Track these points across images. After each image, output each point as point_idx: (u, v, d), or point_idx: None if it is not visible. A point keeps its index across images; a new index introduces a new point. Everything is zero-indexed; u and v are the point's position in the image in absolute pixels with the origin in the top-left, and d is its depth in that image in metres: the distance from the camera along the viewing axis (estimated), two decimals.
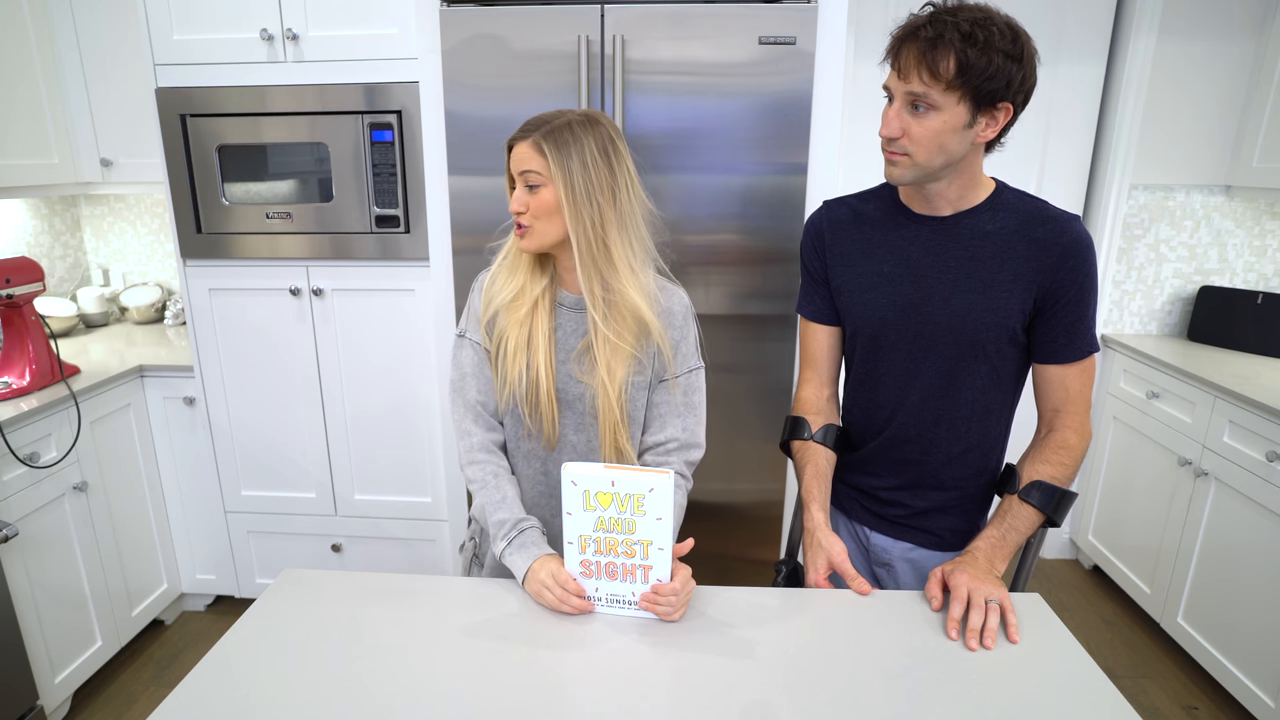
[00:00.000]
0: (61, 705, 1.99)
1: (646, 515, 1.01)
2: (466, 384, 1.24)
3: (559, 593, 1.06)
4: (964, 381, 1.19)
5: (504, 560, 1.14)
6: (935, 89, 1.02)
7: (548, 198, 1.12)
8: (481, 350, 1.23)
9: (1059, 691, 0.92)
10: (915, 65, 1.02)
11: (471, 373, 1.24)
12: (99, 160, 2.34)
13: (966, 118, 1.04)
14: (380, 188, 2.03)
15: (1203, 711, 2.07)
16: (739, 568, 2.09)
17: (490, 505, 1.18)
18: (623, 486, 1.00)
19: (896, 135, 1.07)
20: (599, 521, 1.03)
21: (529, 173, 1.12)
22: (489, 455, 1.23)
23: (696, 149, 1.82)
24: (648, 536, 1.02)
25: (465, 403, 1.24)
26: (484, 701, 0.89)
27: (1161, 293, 2.64)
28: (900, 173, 1.11)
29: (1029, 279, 1.12)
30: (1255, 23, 2.37)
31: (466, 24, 1.79)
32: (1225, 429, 2.05)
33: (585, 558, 1.05)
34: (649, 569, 1.04)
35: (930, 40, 1.01)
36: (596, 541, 1.04)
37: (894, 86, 1.07)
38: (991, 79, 1.01)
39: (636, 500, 1.00)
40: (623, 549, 1.03)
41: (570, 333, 1.22)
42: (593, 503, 1.02)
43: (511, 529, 1.14)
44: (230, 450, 2.28)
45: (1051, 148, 2.53)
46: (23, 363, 1.96)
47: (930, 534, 1.28)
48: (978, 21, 1.00)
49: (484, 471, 1.21)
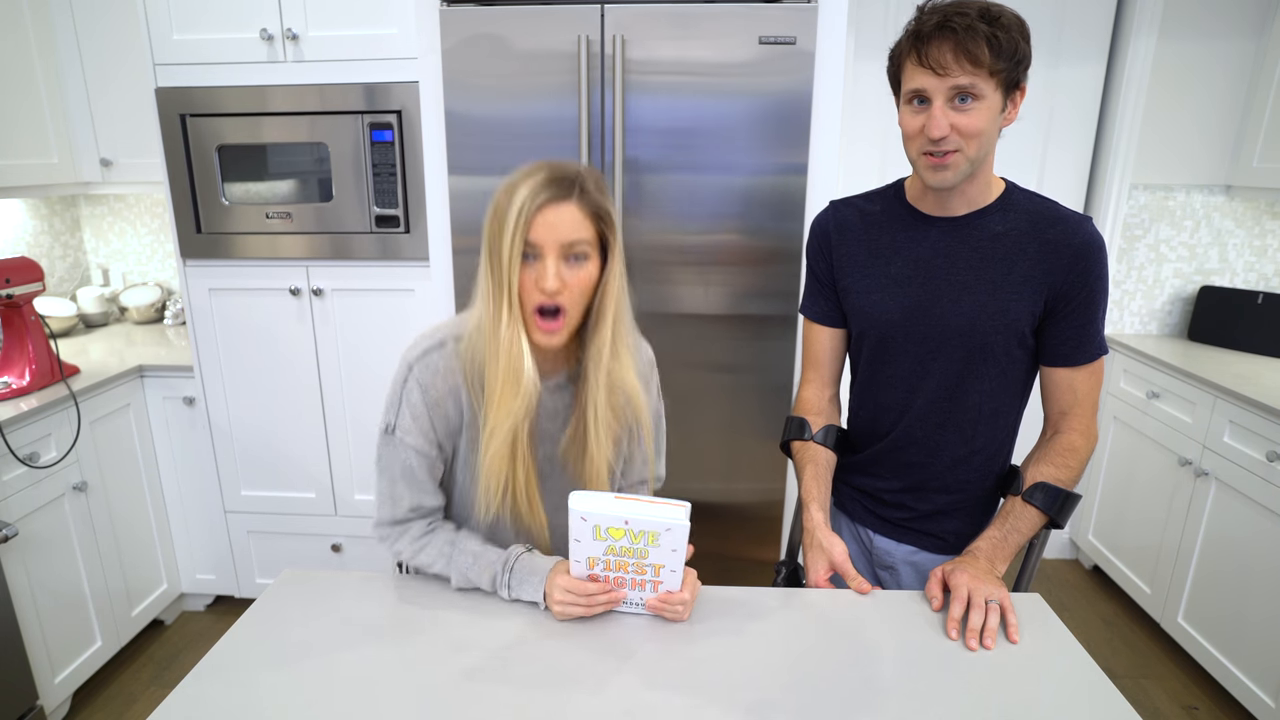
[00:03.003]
0: (61, 705, 1.99)
1: (661, 548, 0.97)
2: (398, 493, 1.07)
3: (584, 602, 1.00)
4: (972, 384, 1.18)
5: (517, 598, 1.06)
6: (980, 77, 1.01)
7: (590, 274, 0.96)
8: (426, 458, 1.06)
9: (1059, 691, 0.92)
10: (954, 58, 1.00)
11: (404, 478, 1.06)
12: (99, 160, 2.33)
13: (1001, 103, 1.05)
14: (380, 188, 2.03)
15: (1203, 711, 2.07)
16: (739, 568, 2.09)
17: (467, 571, 1.06)
18: (637, 525, 0.95)
19: (947, 134, 1.03)
20: (609, 549, 0.98)
21: (578, 243, 0.93)
22: (431, 533, 1.10)
23: (696, 149, 1.82)
24: (660, 562, 0.98)
25: (395, 513, 1.09)
26: (484, 701, 0.89)
27: (1162, 293, 2.64)
28: (953, 174, 1.07)
29: (1039, 281, 1.11)
30: (1255, 23, 2.37)
31: (466, 24, 1.78)
32: (1225, 429, 2.05)
33: (594, 573, 1.01)
34: (659, 583, 1.01)
35: (967, 28, 0.99)
36: (606, 563, 1.00)
37: (932, 85, 1.02)
38: (1020, 61, 1.02)
39: (651, 536, 0.95)
40: (633, 569, 1.00)
41: (548, 416, 1.08)
42: (603, 535, 0.97)
43: (502, 571, 1.05)
44: (230, 450, 2.28)
45: (1052, 148, 2.53)
46: (23, 363, 1.96)
47: (934, 537, 1.28)
48: (988, 7, 1.01)
49: (435, 548, 1.08)
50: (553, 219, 0.92)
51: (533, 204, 0.92)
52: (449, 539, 1.09)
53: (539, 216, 0.92)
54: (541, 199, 0.92)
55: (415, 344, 1.05)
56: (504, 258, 0.93)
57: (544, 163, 0.97)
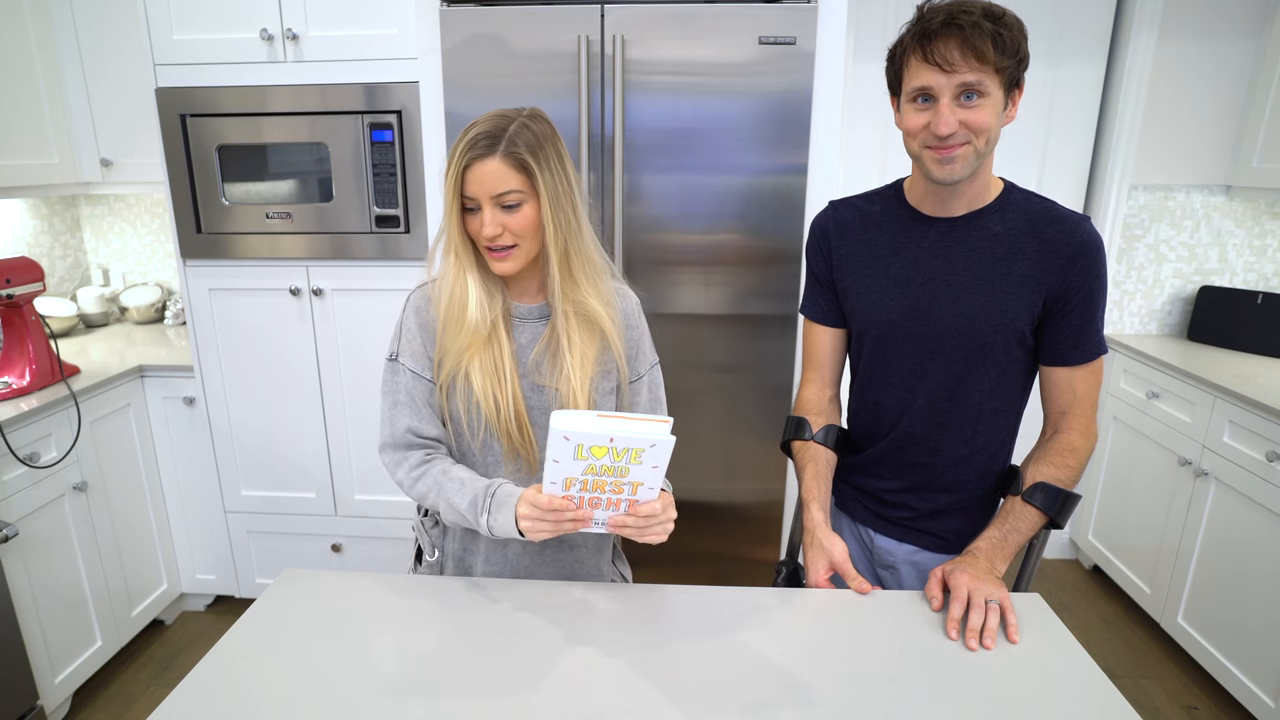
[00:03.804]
0: (61, 705, 1.99)
1: (643, 465, 0.97)
2: (398, 414, 1.14)
3: (551, 518, 1.00)
4: (971, 384, 1.18)
5: (494, 533, 1.06)
6: (986, 74, 1.02)
7: (529, 215, 1.05)
8: (423, 381, 1.14)
9: (1059, 691, 0.92)
10: (961, 54, 1.01)
11: (405, 401, 1.14)
12: (99, 160, 2.34)
13: (1003, 101, 1.06)
14: (380, 188, 2.03)
15: (1203, 711, 2.07)
16: (739, 568, 2.09)
17: (453, 498, 1.09)
18: (621, 442, 0.95)
19: (955, 129, 1.04)
20: (589, 468, 0.98)
21: (508, 193, 1.03)
22: (428, 463, 1.14)
23: (696, 149, 1.82)
24: (639, 479, 0.98)
25: (394, 433, 1.14)
26: (483, 701, 0.89)
27: (1161, 293, 2.64)
28: (959, 168, 1.08)
29: (1038, 280, 1.12)
30: (1255, 23, 2.37)
31: (466, 24, 1.79)
32: (1225, 429, 2.05)
33: (569, 494, 1.00)
34: (634, 501, 1.00)
35: (973, 25, 1.00)
36: (583, 483, 0.99)
37: (939, 83, 1.03)
38: (1021, 60, 1.03)
39: (634, 453, 0.96)
40: (610, 489, 0.99)
41: (527, 344, 1.15)
42: (585, 454, 0.96)
43: (485, 498, 1.06)
44: (230, 450, 2.28)
45: (1051, 148, 2.53)
46: (23, 363, 1.96)
47: (935, 536, 1.28)
48: (990, 7, 1.03)
49: (430, 478, 1.12)
50: (480, 174, 1.02)
51: (461, 162, 1.03)
52: (443, 469, 1.12)
53: (469, 173, 1.03)
54: (468, 157, 1.02)
55: (415, 285, 1.19)
56: (447, 208, 1.07)
57: (485, 116, 1.06)
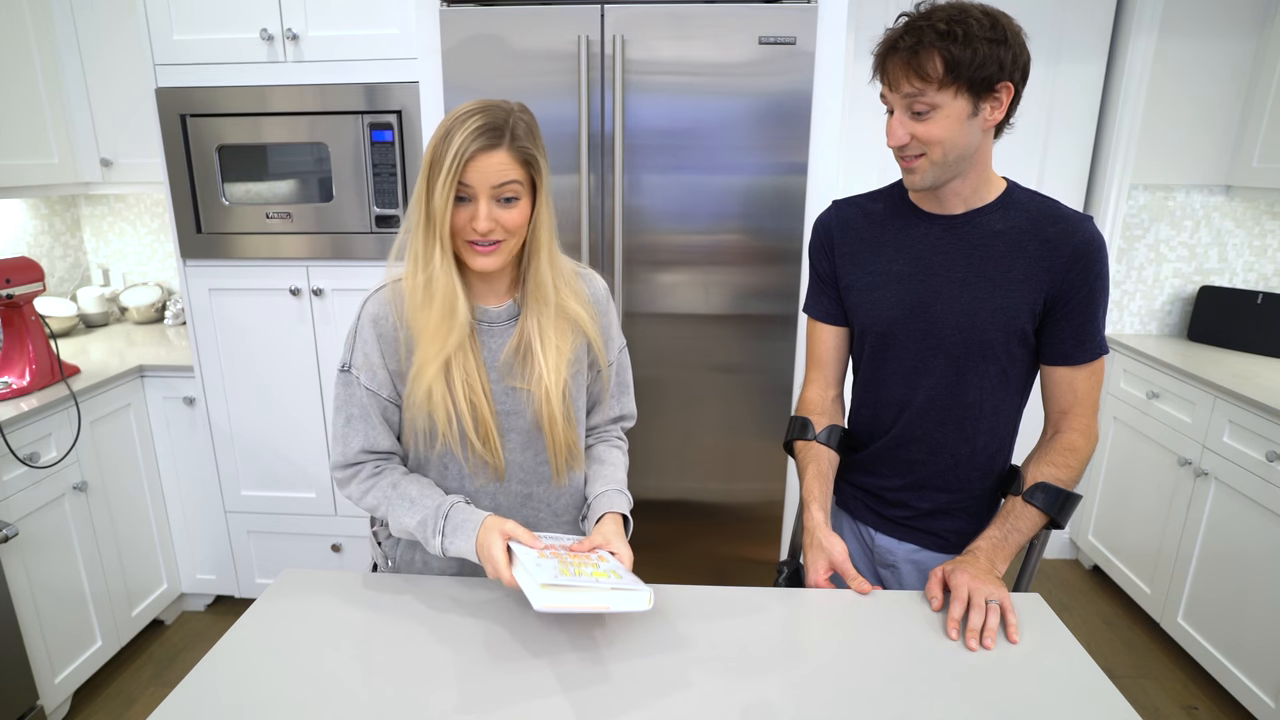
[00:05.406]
0: (61, 705, 1.99)
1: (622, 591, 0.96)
2: (351, 433, 1.10)
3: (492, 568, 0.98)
4: (972, 382, 1.18)
5: (448, 554, 1.04)
6: (930, 89, 1.04)
7: (523, 210, 1.02)
8: (377, 397, 1.10)
9: (1059, 691, 0.92)
10: (903, 74, 1.05)
11: (359, 416, 1.10)
12: (99, 160, 2.33)
13: (969, 108, 1.05)
14: (380, 188, 2.03)
15: (1203, 711, 2.07)
16: (739, 568, 2.09)
17: (403, 517, 1.07)
18: (613, 608, 0.95)
19: (905, 142, 1.09)
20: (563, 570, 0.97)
21: (509, 184, 0.99)
22: (377, 475, 1.11)
23: (696, 149, 1.82)
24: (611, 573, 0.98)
25: (345, 453, 1.11)
26: (483, 702, 0.89)
27: (1161, 293, 2.64)
28: (921, 177, 1.11)
29: (1039, 279, 1.12)
30: (1255, 22, 2.37)
31: (466, 24, 1.79)
32: (1225, 429, 2.05)
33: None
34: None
35: (911, 48, 1.03)
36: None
37: (890, 97, 1.10)
38: (982, 67, 1.02)
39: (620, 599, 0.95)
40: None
41: (496, 347, 1.10)
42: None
43: (437, 519, 1.05)
44: (230, 450, 2.28)
45: (1052, 147, 2.53)
46: (23, 363, 1.96)
47: (935, 536, 1.28)
48: (953, 18, 1.02)
49: (381, 490, 1.10)
50: (484, 165, 0.97)
51: (466, 152, 0.96)
52: (392, 482, 1.10)
53: (471, 164, 0.97)
54: (474, 147, 0.97)
55: (372, 288, 1.12)
56: (437, 199, 0.98)
57: (478, 105, 1.00)
